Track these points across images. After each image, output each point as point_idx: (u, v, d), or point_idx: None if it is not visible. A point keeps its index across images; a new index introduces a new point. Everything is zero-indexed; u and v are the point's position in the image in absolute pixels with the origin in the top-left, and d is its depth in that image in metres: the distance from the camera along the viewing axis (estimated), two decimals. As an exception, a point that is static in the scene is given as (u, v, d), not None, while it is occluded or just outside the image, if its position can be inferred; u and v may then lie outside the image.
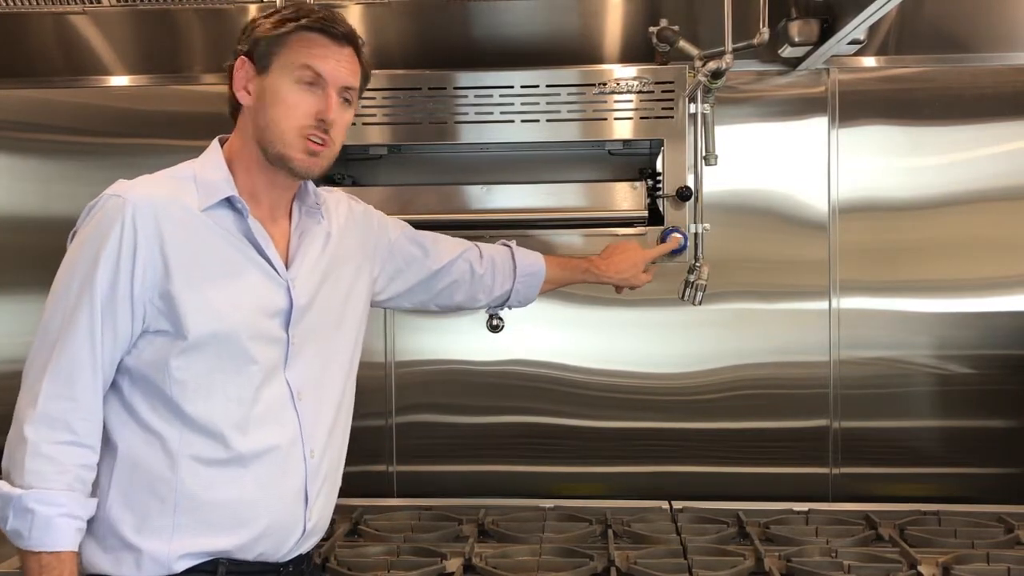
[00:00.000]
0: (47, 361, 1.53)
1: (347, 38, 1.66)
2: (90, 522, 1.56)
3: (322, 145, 1.65)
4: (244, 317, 1.61)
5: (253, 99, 1.66)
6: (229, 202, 1.64)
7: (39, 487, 1.49)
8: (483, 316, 2.59)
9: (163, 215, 1.57)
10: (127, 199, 1.56)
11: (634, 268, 2.18)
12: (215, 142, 1.71)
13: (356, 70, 1.69)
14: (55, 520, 1.49)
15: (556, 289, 2.17)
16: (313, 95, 1.64)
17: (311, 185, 1.76)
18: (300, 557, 1.70)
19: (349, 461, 1.80)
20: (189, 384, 1.57)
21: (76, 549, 1.52)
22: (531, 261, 2.11)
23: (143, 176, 1.63)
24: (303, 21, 1.64)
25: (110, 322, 1.54)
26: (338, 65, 1.65)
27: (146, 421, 1.57)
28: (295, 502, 1.65)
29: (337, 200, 1.87)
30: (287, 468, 1.63)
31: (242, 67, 1.66)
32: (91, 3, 2.46)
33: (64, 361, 1.53)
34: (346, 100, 1.68)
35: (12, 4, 2.43)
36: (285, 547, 1.65)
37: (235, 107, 1.70)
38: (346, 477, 1.77)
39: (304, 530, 1.67)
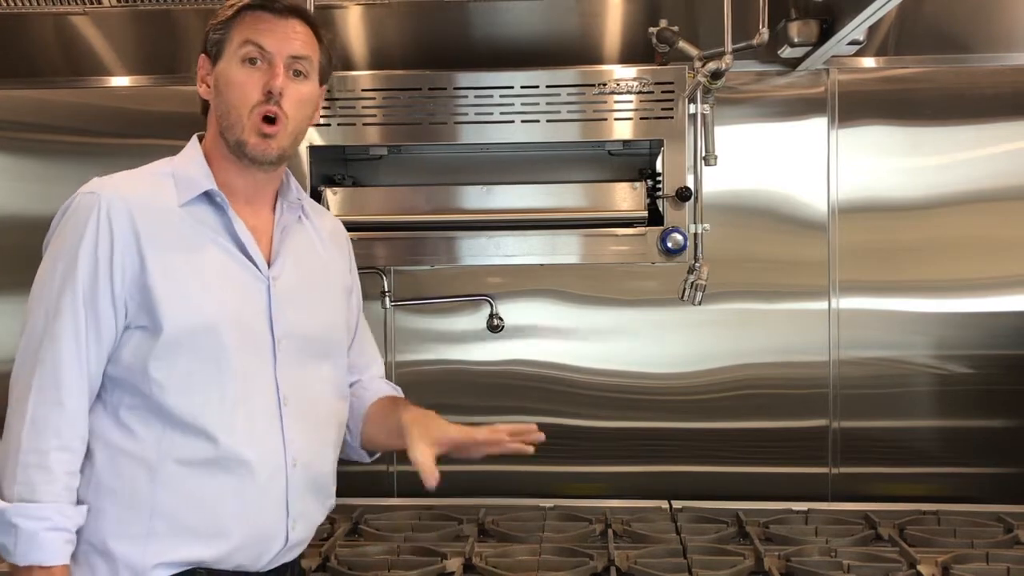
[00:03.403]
0: (33, 366, 1.51)
1: (291, 11, 1.62)
2: None
3: (274, 123, 1.59)
4: (224, 313, 1.56)
5: (212, 91, 1.64)
6: (208, 196, 1.61)
7: (26, 500, 1.47)
8: (483, 316, 2.60)
9: (138, 211, 1.56)
10: (100, 195, 1.55)
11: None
12: (194, 139, 1.69)
13: (308, 41, 1.63)
14: (40, 535, 1.46)
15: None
16: (259, 71, 1.59)
17: (293, 180, 1.72)
18: (283, 566, 1.65)
19: (349, 461, 1.79)
20: (169, 383, 1.52)
21: (67, 562, 1.49)
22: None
23: (119, 173, 1.63)
24: (245, 2, 1.62)
25: (93, 322, 1.53)
26: (283, 36, 1.60)
27: (125, 423, 1.54)
28: (275, 513, 1.59)
29: (320, 212, 1.82)
30: (267, 477, 1.57)
31: (203, 64, 1.65)
32: (91, 3, 2.45)
33: (50, 365, 1.51)
34: (299, 72, 1.61)
35: (12, 4, 2.43)
36: (265, 558, 1.60)
37: (204, 105, 1.68)
38: (346, 477, 1.76)
39: (287, 541, 1.61)
